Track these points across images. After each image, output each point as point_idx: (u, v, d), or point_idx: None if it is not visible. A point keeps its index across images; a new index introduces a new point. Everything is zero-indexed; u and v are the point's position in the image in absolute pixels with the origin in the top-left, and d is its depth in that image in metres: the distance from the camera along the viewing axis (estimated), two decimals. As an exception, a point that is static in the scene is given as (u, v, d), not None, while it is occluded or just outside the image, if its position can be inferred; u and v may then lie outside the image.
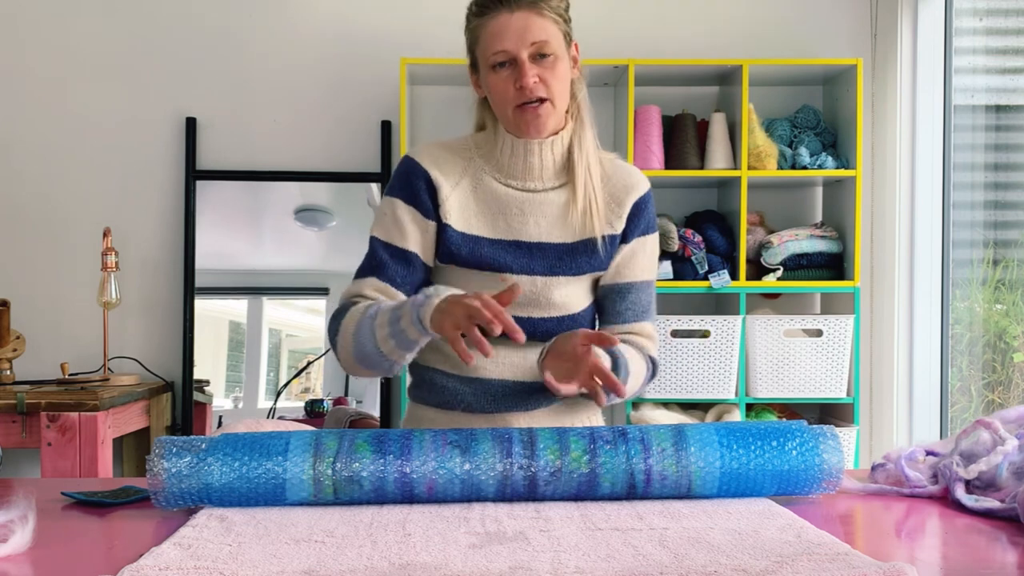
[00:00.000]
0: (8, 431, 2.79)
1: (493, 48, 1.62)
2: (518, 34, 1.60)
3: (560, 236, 1.69)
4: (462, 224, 1.68)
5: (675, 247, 3.09)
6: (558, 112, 1.66)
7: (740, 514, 1.29)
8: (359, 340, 1.60)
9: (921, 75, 3.22)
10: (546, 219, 1.68)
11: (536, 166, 1.68)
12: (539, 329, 1.69)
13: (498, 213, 1.68)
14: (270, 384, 3.49)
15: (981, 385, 3.20)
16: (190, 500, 1.33)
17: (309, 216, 3.43)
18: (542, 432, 1.39)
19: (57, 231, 3.35)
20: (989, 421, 1.43)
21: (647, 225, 1.75)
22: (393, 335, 1.56)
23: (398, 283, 1.68)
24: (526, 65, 1.61)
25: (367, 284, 1.68)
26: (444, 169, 1.70)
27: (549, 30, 1.62)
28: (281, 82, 3.38)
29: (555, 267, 1.68)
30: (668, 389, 3.11)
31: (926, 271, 3.21)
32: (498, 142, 1.70)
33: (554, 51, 1.62)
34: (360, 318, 1.61)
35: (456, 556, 1.08)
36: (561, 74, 1.64)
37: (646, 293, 1.76)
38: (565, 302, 1.69)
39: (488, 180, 1.70)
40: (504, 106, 1.65)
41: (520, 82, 1.61)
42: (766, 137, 3.12)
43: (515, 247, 1.68)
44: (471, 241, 1.68)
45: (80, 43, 3.36)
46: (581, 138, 1.70)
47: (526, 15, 1.61)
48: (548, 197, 1.69)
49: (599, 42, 3.34)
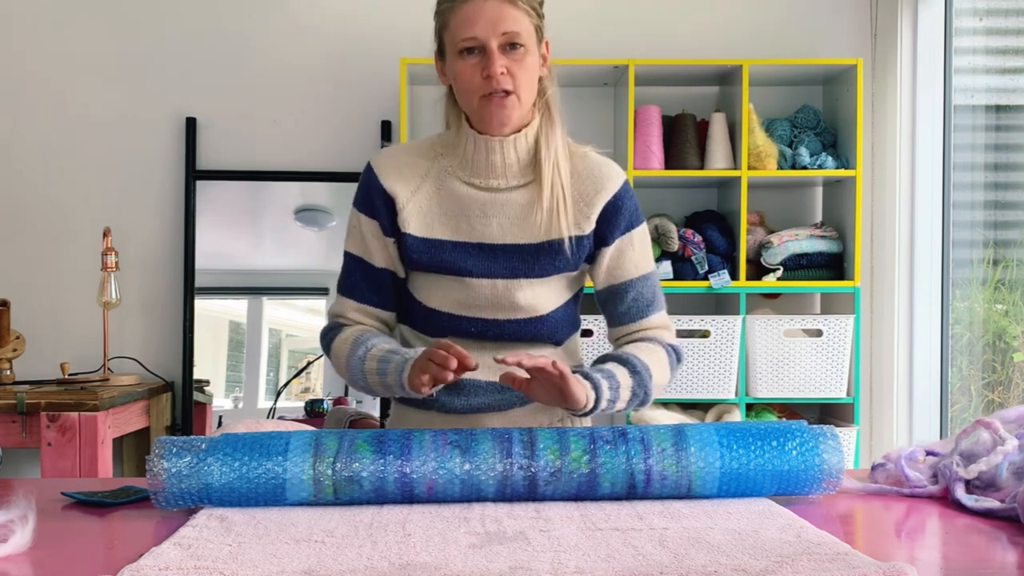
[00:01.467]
0: (8, 431, 2.79)
1: (463, 34, 1.59)
2: (490, 22, 1.58)
3: (523, 237, 1.65)
4: (423, 229, 1.66)
5: (675, 247, 3.09)
6: (523, 106, 1.63)
7: (740, 514, 1.29)
8: (351, 374, 1.68)
9: (921, 75, 3.22)
10: (509, 219, 1.65)
11: (499, 163, 1.65)
12: (505, 331, 1.68)
13: (460, 215, 1.66)
14: (270, 384, 3.49)
15: (981, 385, 3.20)
16: (190, 500, 1.33)
17: (309, 216, 3.43)
18: (542, 432, 1.39)
19: (57, 231, 3.35)
20: (989, 421, 1.43)
21: (629, 221, 1.70)
22: (383, 384, 1.63)
23: (375, 302, 1.73)
24: (495, 54, 1.58)
25: (348, 306, 1.73)
26: (404, 175, 1.68)
27: (522, 22, 1.59)
28: (281, 82, 3.38)
29: (517, 269, 1.65)
30: (668, 389, 3.11)
31: (926, 271, 3.21)
32: (461, 139, 1.67)
33: (524, 43, 1.60)
34: (349, 355, 1.67)
35: (456, 556, 1.08)
36: (529, 67, 1.61)
37: (647, 287, 1.72)
38: (531, 304, 1.67)
39: (451, 181, 1.67)
40: (469, 95, 1.62)
41: (487, 71, 1.58)
42: (766, 137, 3.12)
43: (477, 249, 1.65)
44: (432, 245, 1.66)
45: (80, 43, 3.36)
46: (549, 135, 1.66)
47: (499, 4, 1.58)
48: (511, 197, 1.66)
49: (599, 42, 3.34)
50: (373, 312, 1.73)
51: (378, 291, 1.72)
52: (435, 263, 1.67)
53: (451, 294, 1.67)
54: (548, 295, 1.69)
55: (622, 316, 1.72)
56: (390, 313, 1.75)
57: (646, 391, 1.63)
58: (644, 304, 1.72)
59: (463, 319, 1.68)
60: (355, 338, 1.67)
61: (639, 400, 1.64)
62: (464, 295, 1.66)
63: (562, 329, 1.73)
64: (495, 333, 1.68)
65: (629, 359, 1.63)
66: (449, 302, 1.68)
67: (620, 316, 1.73)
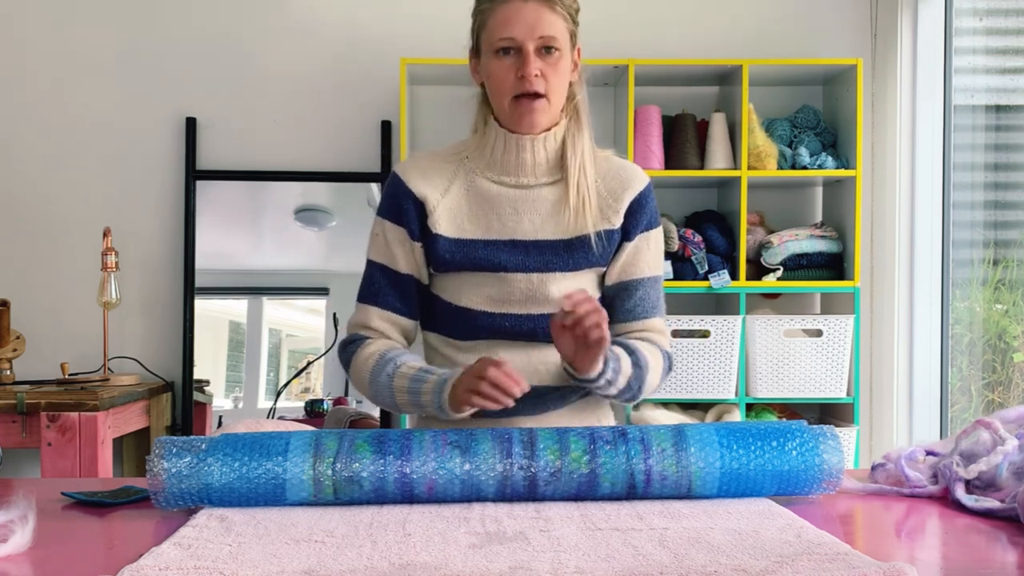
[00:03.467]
0: (8, 431, 2.79)
1: (500, 34, 1.62)
2: (528, 24, 1.61)
3: (554, 232, 1.68)
4: (454, 230, 1.68)
5: (675, 247, 3.09)
6: (553, 110, 1.67)
7: (740, 514, 1.29)
8: (376, 392, 1.66)
9: (921, 75, 3.22)
10: (540, 216, 1.68)
11: (529, 161, 1.68)
12: (540, 325, 1.68)
13: (491, 213, 1.68)
14: (270, 384, 3.49)
15: (981, 385, 3.20)
16: (190, 500, 1.33)
17: (309, 216, 3.43)
18: (542, 432, 1.39)
19: (57, 231, 3.35)
20: (989, 421, 1.43)
21: (649, 221, 1.74)
22: (414, 404, 1.62)
23: (400, 310, 1.72)
24: (531, 56, 1.61)
25: (372, 314, 1.72)
26: (431, 179, 1.70)
27: (558, 26, 1.63)
28: (281, 82, 3.38)
29: (551, 263, 1.68)
30: (668, 389, 3.11)
31: (926, 271, 3.21)
32: (490, 138, 1.70)
33: (560, 47, 1.63)
34: (375, 372, 1.65)
35: (456, 556, 1.08)
36: (562, 71, 1.65)
37: (654, 289, 1.75)
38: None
39: (480, 180, 1.70)
40: (501, 95, 1.65)
41: (522, 71, 1.62)
42: (766, 137, 3.12)
43: (510, 246, 1.68)
44: (464, 245, 1.68)
45: (80, 43, 3.36)
46: (576, 137, 1.70)
47: (538, 7, 1.62)
48: (541, 193, 1.69)
49: (599, 42, 3.34)
50: (396, 320, 1.73)
51: (402, 298, 1.72)
52: (468, 262, 1.68)
53: (484, 290, 1.68)
54: (580, 288, 1.70)
55: (627, 313, 1.74)
56: (413, 322, 1.75)
57: (640, 387, 1.66)
58: (649, 305, 1.74)
59: (496, 316, 1.68)
60: (380, 354, 1.67)
61: (630, 395, 1.67)
62: (498, 290, 1.68)
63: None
64: (529, 328, 1.68)
65: (636, 352, 1.66)
66: (482, 299, 1.68)
67: (625, 313, 1.74)
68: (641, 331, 1.74)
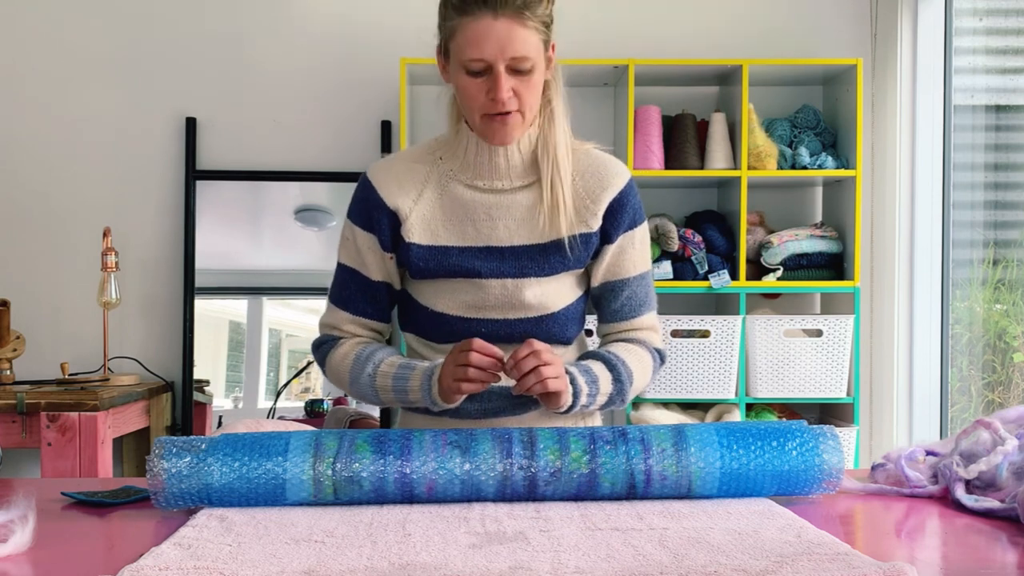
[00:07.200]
0: (8, 431, 2.79)
1: (471, 54, 1.55)
2: (499, 44, 1.53)
3: (529, 237, 1.65)
4: (427, 237, 1.65)
5: (675, 247, 3.09)
6: (526, 122, 1.62)
7: (740, 514, 1.29)
8: (358, 390, 1.68)
9: (921, 75, 3.22)
10: (515, 220, 1.65)
11: (502, 166, 1.64)
12: (516, 330, 1.67)
13: (466, 219, 1.65)
14: (270, 384, 3.49)
15: (981, 385, 3.20)
16: (190, 500, 1.33)
17: (309, 216, 3.43)
18: (542, 432, 1.39)
19: (57, 231, 3.35)
20: (989, 421, 1.43)
21: (632, 219, 1.69)
22: (400, 400, 1.64)
23: (371, 314, 1.73)
24: (502, 77, 1.55)
25: (343, 318, 1.73)
26: (404, 186, 1.66)
27: (531, 42, 1.55)
28: (281, 82, 3.38)
29: (526, 268, 1.65)
30: (668, 389, 3.11)
31: (926, 271, 3.21)
32: (461, 140, 1.66)
33: (532, 64, 1.57)
34: (355, 372, 1.67)
35: (456, 556, 1.08)
36: (535, 85, 1.59)
37: (641, 286, 1.73)
38: (541, 302, 1.66)
39: (454, 185, 1.66)
40: (472, 111, 1.60)
41: (493, 94, 1.56)
42: (766, 137, 3.12)
43: (485, 252, 1.65)
44: (439, 252, 1.65)
45: (80, 43, 3.36)
46: (548, 135, 1.64)
47: (510, 24, 1.53)
48: (516, 198, 1.65)
49: (599, 42, 3.35)
50: (368, 324, 1.73)
51: (373, 303, 1.72)
52: (443, 269, 1.66)
53: (460, 296, 1.66)
54: (558, 293, 1.69)
55: (614, 314, 1.73)
56: (385, 324, 1.76)
57: (623, 398, 1.68)
58: (637, 304, 1.73)
59: (473, 321, 1.67)
60: (357, 354, 1.67)
61: (613, 405, 1.68)
62: (474, 296, 1.66)
63: (571, 326, 1.73)
64: (506, 333, 1.67)
65: (615, 365, 1.65)
66: (458, 305, 1.67)
67: (612, 313, 1.73)
68: (629, 330, 1.73)
